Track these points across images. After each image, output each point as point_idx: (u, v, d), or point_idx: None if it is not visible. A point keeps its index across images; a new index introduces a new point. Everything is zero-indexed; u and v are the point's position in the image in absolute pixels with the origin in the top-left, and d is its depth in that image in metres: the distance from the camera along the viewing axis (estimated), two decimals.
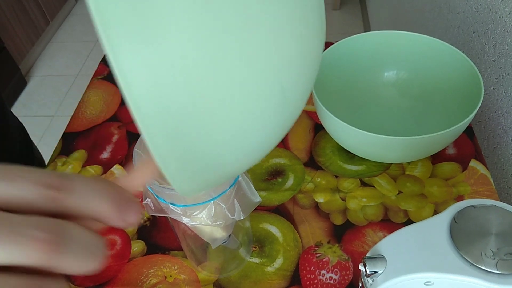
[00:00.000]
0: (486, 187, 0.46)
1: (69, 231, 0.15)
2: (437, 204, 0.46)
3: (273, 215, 0.46)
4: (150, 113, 0.16)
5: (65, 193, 0.15)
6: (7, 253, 0.14)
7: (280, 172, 0.50)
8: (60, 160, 0.54)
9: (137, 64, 0.15)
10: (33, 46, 1.80)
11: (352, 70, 0.54)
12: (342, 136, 0.46)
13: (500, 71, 0.58)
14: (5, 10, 1.60)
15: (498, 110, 0.58)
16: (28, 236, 0.14)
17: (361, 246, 0.43)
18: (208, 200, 0.30)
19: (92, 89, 0.64)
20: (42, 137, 1.51)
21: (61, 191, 0.15)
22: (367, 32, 0.52)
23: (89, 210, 0.16)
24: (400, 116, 0.54)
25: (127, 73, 0.15)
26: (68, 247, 0.15)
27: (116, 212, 0.17)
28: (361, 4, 1.94)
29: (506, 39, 0.56)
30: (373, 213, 0.45)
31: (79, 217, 0.16)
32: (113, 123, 0.58)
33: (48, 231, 0.14)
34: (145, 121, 0.16)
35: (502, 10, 0.57)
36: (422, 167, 0.49)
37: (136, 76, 0.15)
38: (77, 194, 0.16)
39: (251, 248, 0.44)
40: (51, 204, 0.15)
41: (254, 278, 0.41)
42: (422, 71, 0.53)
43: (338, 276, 0.41)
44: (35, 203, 0.15)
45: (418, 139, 0.41)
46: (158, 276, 0.42)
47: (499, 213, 0.29)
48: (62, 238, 0.15)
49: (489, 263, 0.27)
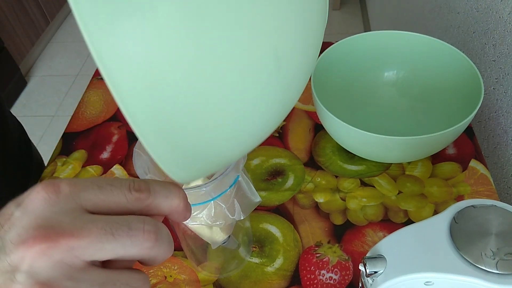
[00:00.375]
0: (486, 187, 0.46)
1: (158, 224, 0.18)
2: (437, 204, 0.46)
3: (273, 215, 0.46)
4: (133, 91, 0.15)
5: (146, 193, 0.19)
6: (124, 246, 0.17)
7: (280, 172, 0.50)
8: (60, 160, 0.54)
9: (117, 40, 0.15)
10: (33, 46, 1.80)
11: (352, 70, 0.54)
12: (342, 136, 0.46)
13: (500, 71, 0.58)
14: (5, 10, 1.60)
15: (498, 110, 0.58)
16: (139, 230, 0.17)
17: (361, 246, 0.43)
18: (208, 200, 0.30)
19: (92, 89, 0.64)
20: (42, 137, 1.51)
21: (143, 192, 0.19)
22: (367, 32, 0.52)
23: (166, 206, 0.19)
24: (400, 116, 0.54)
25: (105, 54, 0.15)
26: (162, 237, 0.18)
27: (184, 207, 0.20)
28: (361, 4, 1.94)
29: (506, 39, 0.56)
30: (373, 213, 0.45)
31: (156, 213, 0.19)
32: (113, 123, 0.58)
33: (151, 224, 0.18)
34: (128, 102, 0.16)
35: (502, 10, 0.57)
36: (422, 167, 0.49)
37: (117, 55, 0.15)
38: (156, 194, 0.19)
39: (251, 248, 0.44)
40: (136, 204, 0.18)
41: (254, 278, 0.41)
42: (422, 71, 0.53)
43: (338, 276, 0.41)
44: (123, 205, 0.18)
45: (418, 139, 0.41)
46: (158, 276, 0.42)
47: (499, 213, 0.29)
48: (160, 229, 0.18)
49: (489, 263, 0.27)
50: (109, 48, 0.15)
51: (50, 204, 0.17)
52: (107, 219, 0.18)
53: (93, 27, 0.15)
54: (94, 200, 0.18)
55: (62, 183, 0.18)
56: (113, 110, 0.60)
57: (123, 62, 0.15)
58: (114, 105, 0.61)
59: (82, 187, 0.18)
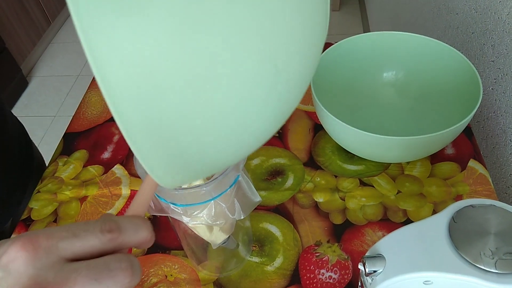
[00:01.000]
0: (485, 186, 0.46)
1: (131, 257, 0.20)
2: (436, 203, 0.46)
3: (273, 214, 0.46)
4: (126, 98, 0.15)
5: (117, 232, 0.20)
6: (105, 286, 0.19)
7: (280, 172, 0.50)
8: (61, 160, 0.54)
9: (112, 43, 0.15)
10: (34, 46, 1.80)
11: (351, 70, 0.54)
12: (341, 136, 0.46)
13: (498, 71, 0.58)
14: (6, 11, 1.60)
15: (497, 110, 0.58)
16: (118, 269, 0.19)
17: (360, 245, 0.43)
18: (209, 199, 0.30)
19: (93, 89, 0.64)
20: (43, 137, 1.51)
21: (114, 232, 0.20)
22: (366, 33, 0.53)
23: (135, 240, 0.21)
24: (399, 116, 0.54)
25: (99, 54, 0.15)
26: (136, 268, 0.20)
27: (152, 237, 0.21)
28: (360, 5, 1.94)
29: (505, 40, 0.56)
30: (373, 213, 0.46)
31: (128, 247, 0.21)
32: (114, 123, 0.58)
33: (127, 261, 0.20)
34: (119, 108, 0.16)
35: (500, 11, 0.57)
36: (421, 167, 0.49)
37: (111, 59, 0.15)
38: (126, 231, 0.20)
39: (251, 248, 0.44)
40: (109, 244, 0.20)
41: (254, 277, 0.42)
42: (421, 72, 0.53)
43: (337, 275, 0.41)
44: (98, 247, 0.20)
45: (417, 139, 0.41)
46: (158, 275, 0.42)
47: (498, 212, 0.29)
48: (133, 263, 0.20)
49: (488, 263, 0.27)
50: (103, 48, 0.15)
51: (31, 261, 0.18)
52: (88, 265, 0.19)
53: (88, 25, 0.15)
54: (71, 248, 0.19)
55: (39, 237, 0.19)
56: None
57: (117, 62, 0.15)
58: None
59: (59, 238, 0.19)
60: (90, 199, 0.50)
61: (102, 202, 0.50)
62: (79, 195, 0.50)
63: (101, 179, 0.52)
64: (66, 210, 0.49)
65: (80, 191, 0.51)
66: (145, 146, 0.17)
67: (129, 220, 0.21)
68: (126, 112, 0.16)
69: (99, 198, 0.50)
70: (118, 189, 0.50)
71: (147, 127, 0.16)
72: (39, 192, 0.51)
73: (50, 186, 0.51)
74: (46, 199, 0.50)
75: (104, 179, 0.52)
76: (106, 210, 0.49)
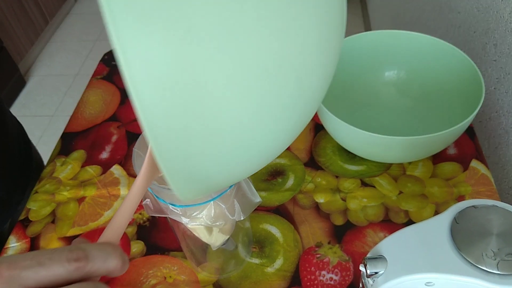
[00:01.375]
0: (487, 187, 0.46)
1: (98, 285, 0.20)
2: (438, 204, 0.45)
3: (273, 215, 0.46)
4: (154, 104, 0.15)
5: (84, 261, 0.19)
6: None
7: (280, 172, 0.50)
8: (59, 160, 0.54)
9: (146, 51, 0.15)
10: (32, 45, 1.80)
11: (352, 69, 0.54)
12: (342, 136, 0.46)
13: (501, 70, 0.58)
14: (4, 10, 1.60)
15: (499, 110, 0.58)
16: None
17: (361, 246, 0.43)
18: (208, 200, 0.30)
19: (92, 89, 0.64)
20: (41, 137, 1.51)
21: (81, 261, 0.19)
22: (367, 32, 0.52)
23: (104, 269, 0.20)
24: (400, 116, 0.54)
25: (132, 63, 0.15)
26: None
27: (123, 265, 0.21)
28: (361, 4, 1.94)
29: (507, 39, 0.56)
30: (374, 214, 0.45)
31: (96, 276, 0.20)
32: (112, 123, 0.58)
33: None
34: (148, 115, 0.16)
35: (503, 9, 0.57)
36: (423, 167, 0.49)
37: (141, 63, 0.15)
38: (94, 259, 0.20)
39: (251, 249, 0.43)
40: (75, 273, 0.19)
41: (254, 278, 0.41)
42: (423, 71, 0.53)
43: (338, 276, 0.41)
44: (64, 277, 0.19)
45: (419, 139, 0.40)
46: (157, 277, 0.42)
47: (500, 213, 0.29)
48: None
49: (490, 264, 0.27)
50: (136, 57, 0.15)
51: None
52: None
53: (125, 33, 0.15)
54: (35, 277, 0.19)
55: (1, 267, 0.18)
56: (112, 110, 0.60)
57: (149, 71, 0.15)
58: (114, 105, 0.61)
59: (22, 267, 0.19)
60: (88, 200, 0.49)
61: (100, 202, 0.49)
62: (77, 196, 0.50)
63: (99, 180, 0.51)
64: (64, 210, 0.49)
65: (78, 192, 0.50)
66: (172, 160, 0.17)
67: (98, 248, 0.20)
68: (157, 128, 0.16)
69: (97, 198, 0.49)
70: (117, 189, 0.50)
71: (175, 140, 0.17)
72: (37, 193, 0.50)
73: (48, 187, 0.51)
74: (44, 200, 0.50)
75: (102, 180, 0.51)
76: (105, 211, 0.48)
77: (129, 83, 0.15)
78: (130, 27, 0.15)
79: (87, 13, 2.08)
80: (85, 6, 2.13)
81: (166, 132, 0.16)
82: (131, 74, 0.15)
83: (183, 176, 0.18)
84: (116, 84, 0.64)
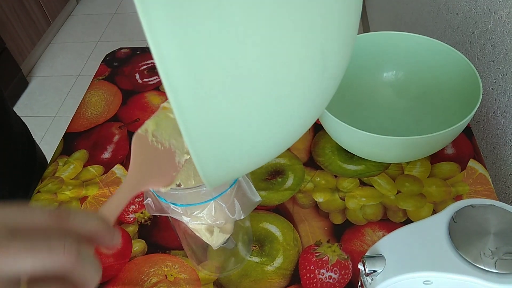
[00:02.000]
0: (485, 186, 0.46)
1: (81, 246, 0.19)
2: (435, 203, 0.46)
3: (273, 214, 0.46)
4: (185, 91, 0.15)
5: (66, 216, 0.20)
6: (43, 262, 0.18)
7: (280, 172, 0.50)
8: (62, 160, 0.54)
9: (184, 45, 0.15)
10: (35, 46, 1.80)
11: (351, 70, 0.54)
12: (341, 136, 0.46)
13: (498, 71, 0.58)
14: (6, 11, 1.60)
15: (497, 110, 0.58)
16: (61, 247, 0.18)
17: (360, 245, 0.43)
18: (209, 199, 0.30)
19: (93, 89, 0.64)
20: (44, 137, 1.51)
21: (62, 216, 0.20)
22: (366, 33, 0.53)
23: (85, 227, 0.20)
24: (399, 116, 0.54)
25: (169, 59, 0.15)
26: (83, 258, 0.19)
27: (106, 227, 0.21)
28: None
29: (505, 40, 0.56)
30: (372, 213, 0.46)
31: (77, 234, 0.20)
32: (114, 123, 0.59)
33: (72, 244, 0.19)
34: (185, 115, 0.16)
35: (500, 11, 0.57)
36: (421, 167, 0.49)
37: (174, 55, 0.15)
38: (75, 217, 0.20)
39: (251, 247, 0.44)
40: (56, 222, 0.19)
41: (254, 277, 0.42)
42: (421, 72, 0.53)
43: (337, 275, 0.41)
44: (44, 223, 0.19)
45: (417, 139, 0.41)
46: (158, 275, 0.43)
47: (498, 212, 0.29)
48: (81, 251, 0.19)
49: (487, 263, 0.27)
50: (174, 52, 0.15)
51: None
52: (27, 233, 0.18)
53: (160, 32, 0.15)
54: (14, 218, 0.19)
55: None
56: (114, 110, 0.60)
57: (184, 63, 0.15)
58: (115, 106, 0.61)
59: (2, 208, 0.19)
60: (90, 199, 0.50)
61: (102, 202, 0.50)
62: (79, 195, 0.50)
63: (101, 179, 0.52)
64: None
65: (80, 191, 0.51)
66: (203, 144, 0.17)
67: (81, 211, 0.21)
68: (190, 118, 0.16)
69: (99, 198, 0.50)
70: None
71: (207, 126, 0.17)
72: (39, 192, 0.51)
73: (50, 186, 0.51)
74: (46, 199, 0.50)
75: (104, 179, 0.52)
76: None
77: (159, 66, 0.15)
78: None
79: (89, 15, 2.09)
80: (87, 8, 2.13)
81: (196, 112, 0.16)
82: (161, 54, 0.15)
83: (211, 157, 0.18)
84: (118, 84, 0.64)
